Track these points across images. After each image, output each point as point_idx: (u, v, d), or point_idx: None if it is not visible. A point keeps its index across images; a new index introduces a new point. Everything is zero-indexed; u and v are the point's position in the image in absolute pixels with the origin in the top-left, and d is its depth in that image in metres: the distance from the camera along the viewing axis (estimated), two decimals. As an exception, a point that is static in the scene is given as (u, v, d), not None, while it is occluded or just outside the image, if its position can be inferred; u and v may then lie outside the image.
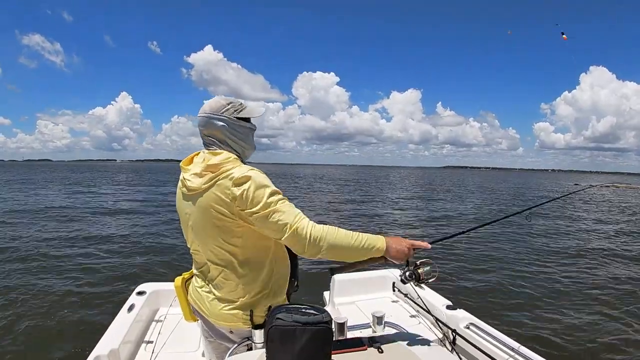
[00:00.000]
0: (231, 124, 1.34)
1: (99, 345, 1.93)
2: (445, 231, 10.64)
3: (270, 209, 1.20)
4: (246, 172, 1.23)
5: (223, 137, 1.35)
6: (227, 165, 1.26)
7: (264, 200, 1.20)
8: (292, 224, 1.18)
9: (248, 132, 1.40)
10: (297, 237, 1.18)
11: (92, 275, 5.61)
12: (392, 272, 3.04)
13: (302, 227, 1.18)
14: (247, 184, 1.21)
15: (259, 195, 1.20)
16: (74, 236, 8.21)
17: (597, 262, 7.75)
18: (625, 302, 5.30)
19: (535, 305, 5.07)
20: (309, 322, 1.12)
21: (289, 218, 1.19)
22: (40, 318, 4.12)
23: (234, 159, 1.30)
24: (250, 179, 1.22)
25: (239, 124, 1.36)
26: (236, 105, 1.38)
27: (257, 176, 1.23)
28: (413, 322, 2.49)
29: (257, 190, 1.20)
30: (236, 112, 1.36)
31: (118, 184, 28.71)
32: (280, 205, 1.21)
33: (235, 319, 1.35)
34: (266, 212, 1.20)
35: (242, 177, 1.22)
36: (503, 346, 1.98)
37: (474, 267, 6.88)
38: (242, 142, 1.38)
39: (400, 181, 48.01)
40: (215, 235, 1.28)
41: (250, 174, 1.23)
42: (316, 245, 1.19)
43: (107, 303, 4.42)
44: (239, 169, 1.25)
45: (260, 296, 1.35)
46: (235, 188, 1.21)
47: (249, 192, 1.20)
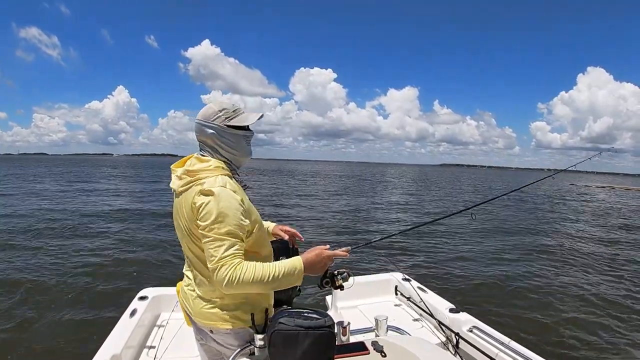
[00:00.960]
0: (221, 131, 1.34)
1: (101, 350, 1.93)
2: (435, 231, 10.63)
3: (210, 234, 1.19)
4: (215, 187, 1.22)
5: (213, 144, 1.35)
6: (204, 173, 1.28)
7: (209, 222, 1.19)
8: (217, 262, 1.16)
9: (240, 140, 1.38)
10: (217, 276, 1.17)
11: (94, 280, 5.60)
12: (395, 275, 3.03)
13: (223, 270, 1.16)
14: (208, 198, 1.21)
15: (210, 215, 1.19)
16: (74, 240, 8.21)
17: (604, 267, 7.71)
18: (632, 307, 5.27)
19: (539, 308, 5.05)
20: (312, 327, 1.12)
21: (218, 253, 1.17)
22: (41, 323, 4.12)
23: (215, 168, 1.30)
24: (213, 195, 1.21)
25: (230, 131, 1.35)
26: (229, 112, 1.36)
27: (222, 196, 1.21)
28: (416, 325, 2.48)
29: (211, 209, 1.19)
30: (227, 120, 1.35)
31: (116, 180, 28.63)
32: (219, 236, 1.18)
33: (215, 318, 1.35)
34: (206, 234, 1.20)
35: (208, 190, 1.22)
36: (506, 349, 1.96)
37: (477, 270, 6.85)
38: (232, 149, 1.37)
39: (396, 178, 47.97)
40: (189, 235, 1.30)
41: (217, 191, 1.21)
42: (231, 288, 1.17)
43: (109, 308, 4.42)
44: (212, 180, 1.25)
45: (240, 301, 1.34)
46: (198, 197, 1.23)
47: (204, 207, 1.20)
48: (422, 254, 8.02)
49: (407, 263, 7.12)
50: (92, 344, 2.14)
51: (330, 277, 1.45)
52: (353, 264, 6.98)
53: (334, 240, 9.02)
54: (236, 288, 1.17)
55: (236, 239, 1.20)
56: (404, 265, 6.79)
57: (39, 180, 26.80)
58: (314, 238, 9.38)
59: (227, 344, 1.38)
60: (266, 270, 1.20)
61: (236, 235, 1.20)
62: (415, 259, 7.58)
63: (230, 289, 1.17)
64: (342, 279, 1.46)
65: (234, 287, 1.16)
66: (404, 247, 8.80)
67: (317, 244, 1.41)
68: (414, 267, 6.90)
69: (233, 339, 1.37)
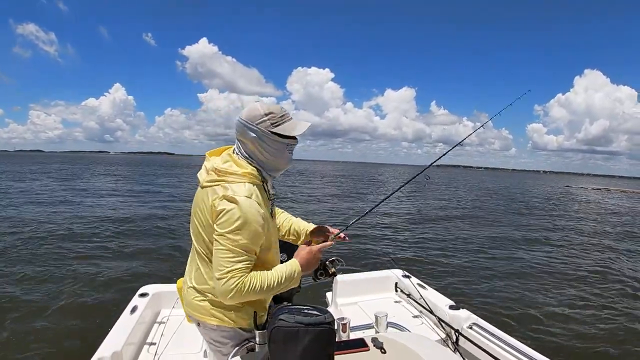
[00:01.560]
0: (263, 136, 1.27)
1: (101, 347, 1.93)
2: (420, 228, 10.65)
3: (224, 242, 1.18)
4: (241, 196, 1.19)
5: (253, 148, 1.29)
6: (232, 177, 1.24)
7: (226, 230, 1.17)
8: (225, 273, 1.16)
9: (282, 148, 1.30)
10: (222, 286, 1.17)
11: (94, 277, 5.61)
12: (395, 272, 3.03)
13: (230, 283, 1.16)
14: (231, 205, 1.18)
15: (229, 223, 1.17)
16: (74, 237, 8.22)
17: (602, 263, 7.73)
18: (631, 304, 5.28)
19: (538, 305, 5.06)
20: (312, 323, 1.12)
21: (228, 265, 1.16)
22: (42, 320, 4.13)
23: (244, 174, 1.25)
24: (237, 204, 1.18)
25: (273, 138, 1.27)
26: (275, 117, 1.27)
27: (245, 207, 1.18)
28: (416, 322, 2.48)
29: (231, 218, 1.17)
30: (272, 126, 1.27)
31: (115, 178, 28.56)
32: (233, 247, 1.17)
33: (203, 311, 1.35)
34: (219, 240, 1.19)
35: (233, 197, 1.18)
36: (506, 346, 1.97)
37: (477, 268, 6.87)
38: (272, 157, 1.30)
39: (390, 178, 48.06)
40: (202, 226, 1.29)
41: (242, 201, 1.18)
42: (238, 298, 1.19)
43: (109, 305, 4.43)
44: (239, 187, 1.22)
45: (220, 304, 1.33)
46: (221, 201, 1.20)
47: (225, 214, 1.18)
48: (422, 251, 8.03)
49: (407, 260, 7.13)
50: (92, 340, 2.14)
51: (323, 268, 1.48)
52: (353, 262, 6.99)
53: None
54: (242, 298, 1.19)
55: (249, 253, 1.20)
56: (404, 262, 6.79)
57: (36, 177, 26.82)
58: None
59: (212, 339, 1.38)
60: (270, 279, 1.22)
61: (249, 249, 1.20)
62: (416, 256, 7.59)
63: (235, 300, 1.18)
64: (334, 266, 1.49)
65: (240, 297, 1.18)
66: (405, 244, 8.82)
67: None
68: (414, 264, 6.91)
69: (219, 335, 1.37)
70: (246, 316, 1.36)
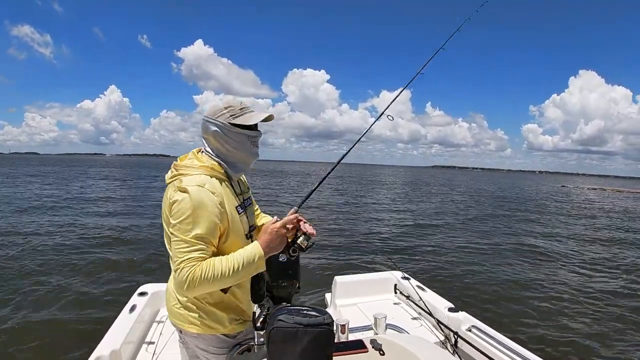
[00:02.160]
0: (225, 129, 1.28)
1: (100, 345, 1.93)
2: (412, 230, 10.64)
3: (177, 233, 1.16)
4: (192, 185, 1.18)
5: (216, 142, 1.31)
6: (188, 169, 1.25)
7: (178, 220, 1.16)
8: (179, 263, 1.13)
9: (244, 140, 1.31)
10: (178, 278, 1.14)
11: (94, 276, 5.61)
12: (394, 274, 3.03)
13: (183, 273, 1.12)
14: (182, 195, 1.17)
15: (180, 213, 1.16)
16: (73, 237, 8.23)
17: (598, 266, 7.72)
18: (627, 307, 5.28)
19: (537, 308, 5.05)
20: (311, 324, 1.12)
21: (181, 255, 1.14)
22: (41, 319, 4.13)
23: (200, 167, 1.26)
24: (188, 193, 1.16)
25: (234, 130, 1.29)
26: (235, 110, 1.30)
27: (196, 195, 1.16)
28: (415, 324, 2.48)
29: (183, 207, 1.16)
30: (232, 118, 1.28)
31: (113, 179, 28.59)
32: (185, 237, 1.15)
33: (182, 319, 1.33)
34: (174, 232, 1.17)
35: (184, 187, 1.18)
36: (505, 349, 1.97)
37: (477, 270, 6.85)
38: (235, 150, 1.31)
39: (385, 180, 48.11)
40: (166, 224, 1.26)
41: (192, 190, 1.17)
42: (193, 290, 1.14)
43: (108, 304, 4.43)
44: (191, 178, 1.21)
45: (208, 307, 1.31)
46: (174, 193, 1.20)
47: (177, 204, 1.17)
48: (421, 253, 8.03)
49: (406, 262, 7.13)
50: (91, 339, 2.14)
51: (293, 244, 1.38)
52: (353, 263, 7.00)
53: (325, 236, 9.03)
54: (198, 289, 1.14)
55: (202, 242, 1.16)
56: (404, 264, 6.79)
57: (33, 180, 26.81)
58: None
59: (198, 347, 1.36)
60: (225, 265, 1.16)
61: (203, 238, 1.16)
62: (415, 258, 7.59)
63: (191, 291, 1.14)
64: (305, 239, 1.37)
65: (196, 288, 1.13)
66: (404, 246, 8.81)
67: None
68: (414, 266, 6.91)
69: (203, 343, 1.35)
70: (226, 321, 1.33)
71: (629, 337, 4.30)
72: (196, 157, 1.32)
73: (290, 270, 2.36)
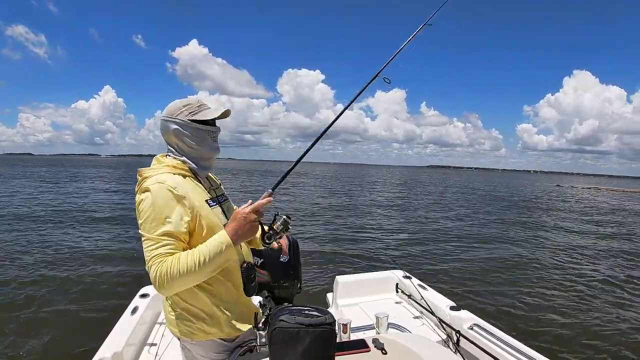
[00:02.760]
0: (184, 127, 1.30)
1: (102, 347, 1.93)
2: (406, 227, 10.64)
3: (144, 232, 1.16)
4: (152, 184, 1.18)
5: (177, 140, 1.31)
6: (151, 172, 1.25)
7: (143, 220, 1.16)
8: (148, 262, 1.13)
9: (204, 135, 1.32)
10: (150, 278, 1.12)
11: (96, 277, 5.62)
12: (395, 273, 3.03)
13: (152, 271, 1.11)
14: (145, 195, 1.18)
15: (144, 212, 1.16)
16: (74, 238, 8.23)
17: (599, 263, 7.72)
18: (633, 305, 5.28)
19: (540, 306, 5.05)
20: (312, 324, 1.12)
21: (149, 254, 1.13)
22: (43, 321, 4.13)
23: (163, 167, 1.27)
24: (149, 192, 1.17)
25: (193, 126, 1.30)
26: (193, 107, 1.31)
27: (157, 192, 1.16)
28: (416, 323, 2.48)
29: (146, 206, 1.16)
30: (191, 115, 1.30)
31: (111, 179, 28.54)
32: (151, 235, 1.14)
33: (178, 327, 1.32)
34: (141, 231, 1.17)
35: (146, 187, 1.18)
36: (507, 347, 1.97)
37: (478, 268, 6.86)
38: (196, 146, 1.32)
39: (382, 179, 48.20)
40: None
41: (153, 187, 1.17)
42: (164, 288, 1.12)
43: (110, 306, 4.43)
44: (154, 178, 1.21)
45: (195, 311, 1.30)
46: (138, 195, 1.21)
47: (141, 204, 1.18)
48: (422, 252, 8.03)
49: (407, 260, 7.13)
50: (93, 341, 2.14)
51: (269, 229, 1.30)
52: (354, 263, 7.00)
53: (320, 231, 9.04)
54: (170, 286, 1.12)
55: (169, 238, 1.14)
56: (405, 262, 6.79)
57: (35, 179, 26.82)
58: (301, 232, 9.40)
59: (198, 354, 1.36)
60: (191, 258, 1.13)
61: (169, 234, 1.14)
62: (416, 257, 7.59)
63: (164, 289, 1.12)
64: (282, 223, 1.29)
65: (167, 285, 1.11)
66: (405, 245, 8.82)
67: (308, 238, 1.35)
68: (415, 264, 6.91)
69: (201, 349, 1.35)
70: (222, 325, 1.32)
71: (633, 334, 4.30)
72: (158, 160, 1.33)
73: (292, 271, 2.36)
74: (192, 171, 1.33)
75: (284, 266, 2.38)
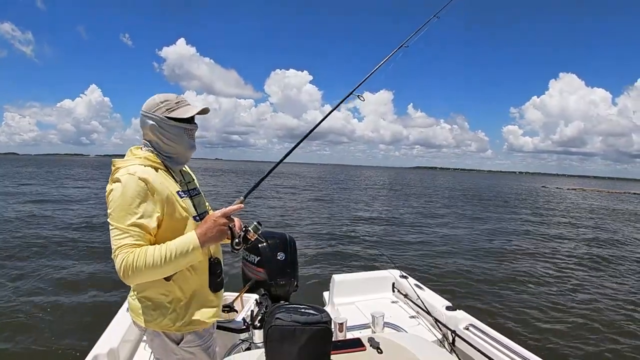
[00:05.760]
0: (161, 123, 1.29)
1: (98, 344, 1.93)
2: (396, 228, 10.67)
3: (112, 222, 1.16)
4: (123, 174, 1.19)
5: (153, 136, 1.31)
6: (124, 163, 1.25)
7: (112, 209, 1.17)
8: (114, 251, 1.14)
9: (181, 132, 1.32)
10: (116, 266, 1.13)
11: (90, 274, 5.60)
12: (392, 272, 3.04)
13: (118, 260, 1.12)
14: (115, 185, 1.18)
15: (113, 202, 1.17)
16: (70, 235, 8.21)
17: (596, 264, 7.76)
18: (626, 306, 5.31)
19: (534, 307, 5.07)
20: (308, 322, 1.12)
21: (116, 243, 1.14)
22: (38, 317, 4.12)
23: (135, 158, 1.27)
24: (119, 183, 1.17)
25: (170, 124, 1.29)
26: (171, 103, 1.31)
27: (128, 183, 1.17)
28: (412, 322, 2.49)
29: (115, 196, 1.17)
30: (168, 112, 1.29)
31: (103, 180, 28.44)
32: (118, 225, 1.15)
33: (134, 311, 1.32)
34: (109, 221, 1.17)
35: (117, 177, 1.19)
36: (502, 347, 1.97)
37: (474, 269, 6.87)
38: (173, 143, 1.31)
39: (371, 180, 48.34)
40: None
41: (124, 178, 1.18)
42: (128, 277, 1.13)
43: (106, 302, 4.42)
44: (125, 169, 1.21)
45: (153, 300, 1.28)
46: (110, 184, 1.21)
47: (110, 194, 1.19)
48: (419, 252, 8.05)
49: (404, 260, 7.14)
50: (89, 338, 2.14)
51: (239, 237, 1.29)
52: (351, 262, 7.01)
53: (311, 232, 9.04)
54: (134, 277, 1.13)
55: (136, 229, 1.15)
56: (402, 262, 6.80)
57: (29, 180, 26.70)
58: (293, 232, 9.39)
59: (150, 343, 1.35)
60: (158, 253, 1.14)
61: (137, 224, 1.15)
62: (413, 257, 7.60)
63: (128, 279, 1.13)
64: (253, 229, 1.29)
65: (131, 276, 1.12)
66: (402, 244, 8.83)
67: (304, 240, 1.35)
68: (412, 264, 6.92)
69: (149, 339, 1.33)
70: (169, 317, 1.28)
71: (628, 335, 4.32)
72: (131, 152, 1.33)
73: (289, 269, 2.36)
74: (164, 164, 1.33)
75: (281, 264, 2.38)
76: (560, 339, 4.15)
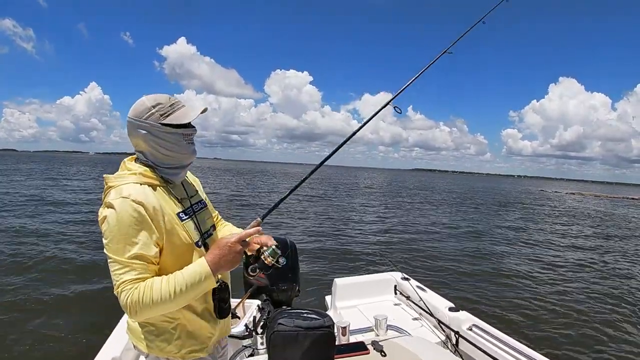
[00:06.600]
0: (155, 131, 1.11)
1: (101, 352, 1.92)
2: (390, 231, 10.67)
3: (110, 254, 1.03)
4: (117, 198, 1.03)
5: (147, 146, 1.13)
6: (117, 180, 1.10)
7: (107, 240, 1.03)
8: (117, 287, 1.02)
9: (179, 140, 1.14)
10: (121, 303, 1.02)
11: (94, 281, 5.58)
12: (394, 275, 3.03)
13: (122, 298, 1.00)
14: (108, 211, 1.03)
15: (108, 232, 1.02)
16: (72, 240, 8.18)
17: (597, 266, 7.75)
18: (629, 306, 5.30)
19: (537, 305, 5.06)
20: (311, 327, 1.12)
21: (117, 278, 1.01)
22: (41, 325, 4.10)
23: (130, 175, 1.11)
24: (114, 208, 1.02)
25: (166, 130, 1.12)
26: (164, 107, 1.12)
27: (121, 209, 1.01)
28: (415, 324, 2.48)
29: (110, 225, 1.02)
30: (162, 117, 1.11)
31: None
32: (118, 258, 1.02)
33: (134, 335, 1.23)
34: (106, 252, 1.04)
35: (110, 201, 1.03)
36: (506, 347, 1.97)
37: (476, 269, 6.87)
38: (171, 152, 1.14)
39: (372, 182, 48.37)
40: None
41: (117, 203, 1.02)
42: (136, 315, 1.02)
43: (109, 310, 4.39)
44: (117, 190, 1.06)
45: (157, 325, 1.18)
46: (102, 209, 1.07)
47: (104, 221, 1.04)
48: (421, 254, 8.03)
49: (406, 262, 7.13)
50: (92, 346, 2.13)
51: (256, 260, 1.17)
52: (352, 265, 6.99)
53: (311, 235, 9.03)
54: (142, 314, 1.01)
55: (138, 261, 1.02)
56: (403, 264, 6.79)
57: (31, 178, 26.70)
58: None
59: None
60: (166, 287, 1.01)
61: (138, 256, 1.02)
62: (414, 259, 7.59)
63: (137, 316, 1.02)
64: (270, 255, 1.15)
65: (139, 313, 1.00)
66: (403, 246, 8.82)
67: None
68: (413, 266, 6.91)
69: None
70: (174, 344, 1.18)
71: (630, 334, 4.31)
72: (125, 166, 1.16)
73: (290, 274, 2.36)
74: (162, 178, 1.17)
75: (282, 270, 2.37)
76: (565, 338, 4.14)
